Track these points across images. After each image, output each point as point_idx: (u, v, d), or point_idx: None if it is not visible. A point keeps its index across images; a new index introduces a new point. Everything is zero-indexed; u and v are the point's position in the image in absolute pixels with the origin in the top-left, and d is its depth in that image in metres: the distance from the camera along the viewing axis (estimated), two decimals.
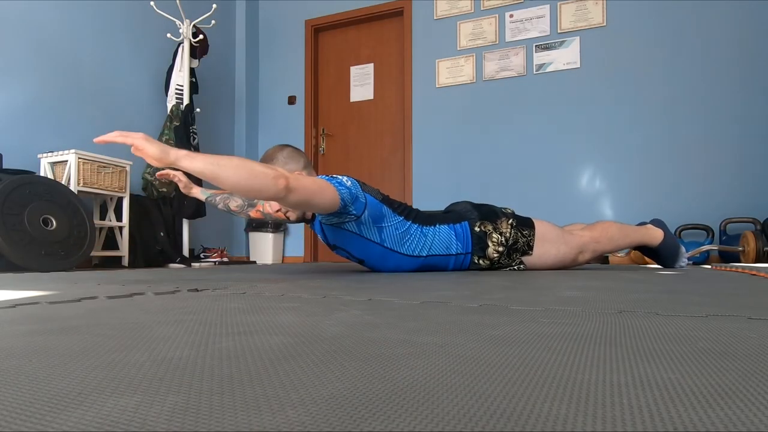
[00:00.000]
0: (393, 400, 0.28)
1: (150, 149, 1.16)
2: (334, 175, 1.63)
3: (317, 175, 1.81)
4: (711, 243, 3.15)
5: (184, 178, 1.92)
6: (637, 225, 2.11)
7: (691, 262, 2.67)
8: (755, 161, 3.19)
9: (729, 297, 0.87)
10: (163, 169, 2.33)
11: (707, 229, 3.21)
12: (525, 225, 1.86)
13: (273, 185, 1.29)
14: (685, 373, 0.34)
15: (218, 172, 1.22)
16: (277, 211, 1.79)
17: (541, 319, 0.61)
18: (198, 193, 2.01)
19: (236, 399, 0.28)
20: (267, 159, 1.75)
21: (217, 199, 2.06)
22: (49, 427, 0.24)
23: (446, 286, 1.15)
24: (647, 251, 2.08)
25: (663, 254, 2.02)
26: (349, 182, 1.61)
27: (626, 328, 0.53)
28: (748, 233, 2.87)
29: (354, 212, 1.63)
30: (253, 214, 2.08)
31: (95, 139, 1.20)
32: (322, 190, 1.47)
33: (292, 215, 1.78)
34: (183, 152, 1.20)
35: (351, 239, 1.74)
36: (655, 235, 2.00)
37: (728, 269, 1.96)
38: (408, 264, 1.81)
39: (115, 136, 1.16)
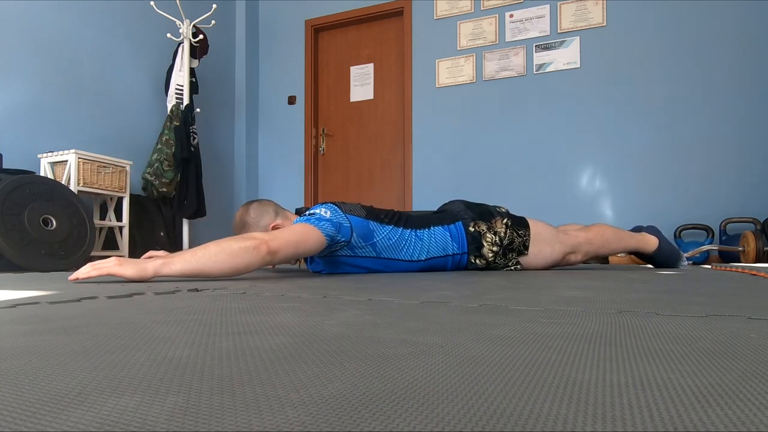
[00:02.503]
0: (393, 400, 0.28)
1: (127, 272, 1.17)
2: (311, 211, 1.59)
3: (292, 214, 1.80)
4: (711, 243, 3.15)
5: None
6: (633, 229, 2.12)
7: (691, 262, 2.67)
8: (755, 161, 3.19)
9: (729, 297, 0.87)
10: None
11: (707, 229, 3.21)
12: (520, 225, 1.86)
13: (256, 256, 1.29)
14: (685, 373, 0.34)
15: (200, 267, 1.23)
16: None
17: (541, 319, 0.61)
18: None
19: (236, 399, 0.28)
20: (239, 228, 1.73)
21: None
22: (49, 427, 0.24)
23: (446, 286, 1.15)
24: (643, 257, 2.08)
25: (659, 261, 2.03)
26: (328, 212, 1.58)
27: (626, 328, 0.53)
28: (748, 233, 2.87)
29: (343, 239, 1.60)
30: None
31: (70, 278, 1.19)
32: (305, 237, 1.45)
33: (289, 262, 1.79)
34: (159, 262, 1.21)
35: (349, 262, 1.73)
36: (649, 242, 2.01)
37: (728, 269, 1.96)
38: (410, 269, 1.81)
39: (89, 272, 1.16)
